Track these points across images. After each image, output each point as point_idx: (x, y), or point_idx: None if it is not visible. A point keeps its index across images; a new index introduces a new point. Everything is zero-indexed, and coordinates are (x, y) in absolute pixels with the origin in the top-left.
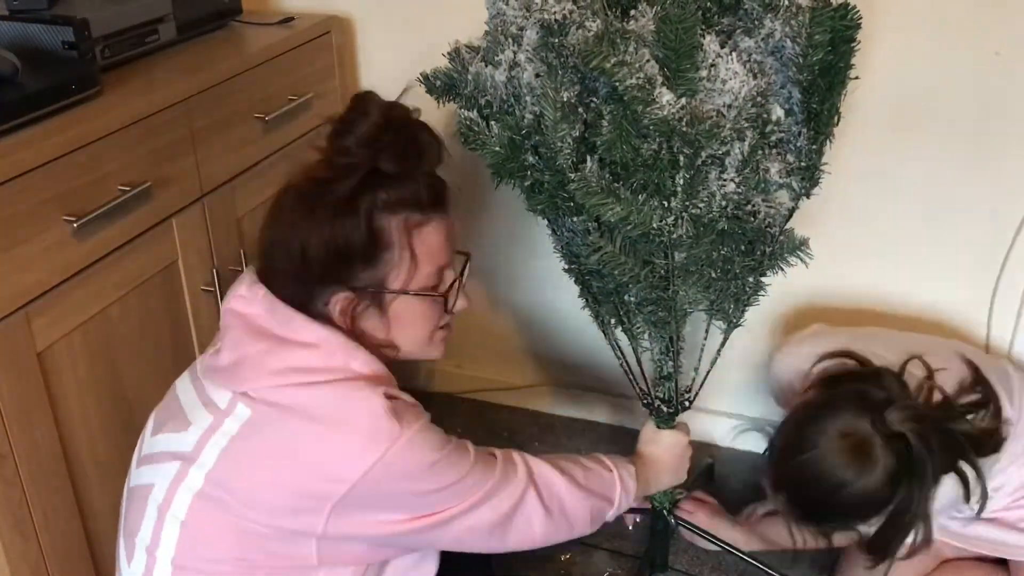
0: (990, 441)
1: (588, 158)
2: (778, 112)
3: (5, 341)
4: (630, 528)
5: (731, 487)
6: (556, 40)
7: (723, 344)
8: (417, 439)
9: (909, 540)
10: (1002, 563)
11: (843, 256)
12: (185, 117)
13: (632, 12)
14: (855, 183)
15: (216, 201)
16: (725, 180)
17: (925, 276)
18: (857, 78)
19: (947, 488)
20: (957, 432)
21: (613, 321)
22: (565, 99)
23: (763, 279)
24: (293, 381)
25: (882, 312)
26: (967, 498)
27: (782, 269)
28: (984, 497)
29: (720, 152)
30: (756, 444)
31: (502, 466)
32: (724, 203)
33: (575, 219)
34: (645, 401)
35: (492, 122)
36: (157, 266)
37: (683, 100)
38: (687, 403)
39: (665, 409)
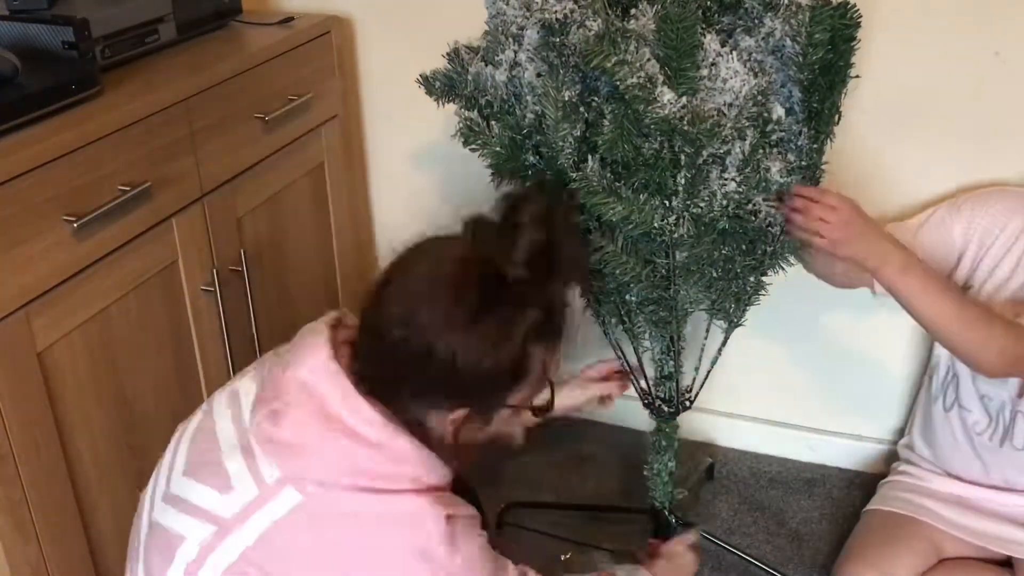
0: None
1: (589, 157)
2: (779, 111)
3: (5, 341)
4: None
5: (731, 486)
6: (557, 39)
7: (724, 344)
8: (465, 567)
9: None
10: (1005, 563)
11: None
12: (185, 117)
13: (632, 11)
14: (855, 183)
15: (216, 201)
16: (726, 179)
17: None
18: (858, 77)
19: None
20: None
21: (614, 321)
22: (566, 98)
23: (764, 278)
24: (357, 484)
25: None
26: None
27: (783, 268)
28: None
29: (721, 151)
30: (756, 444)
31: None
32: (725, 202)
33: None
34: (646, 401)
35: (492, 122)
36: (157, 266)
37: (684, 99)
38: (688, 403)
39: (666, 409)
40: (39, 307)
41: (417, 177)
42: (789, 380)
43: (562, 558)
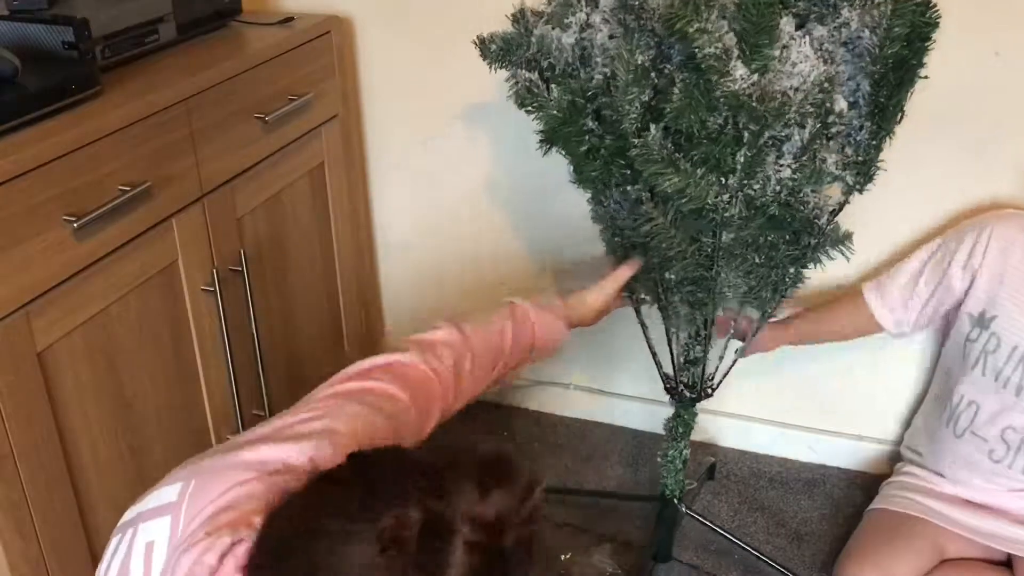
0: None
1: (652, 126)
2: (841, 103)
3: (5, 341)
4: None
5: (732, 486)
6: (636, 2)
7: (754, 334)
8: None
9: None
10: (1006, 564)
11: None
12: (185, 117)
13: None
14: None
15: (216, 201)
16: (782, 165)
17: None
18: (927, 77)
19: None
20: None
21: (648, 298)
22: (639, 62)
23: (804, 270)
24: None
25: None
26: None
27: (820, 261)
28: None
29: (782, 134)
30: (756, 444)
31: None
32: (779, 188)
33: (628, 188)
34: (668, 386)
35: (552, 85)
36: (157, 266)
37: (755, 76)
38: (710, 390)
39: (688, 394)
40: (39, 307)
41: (417, 177)
42: (790, 380)
43: (562, 558)
